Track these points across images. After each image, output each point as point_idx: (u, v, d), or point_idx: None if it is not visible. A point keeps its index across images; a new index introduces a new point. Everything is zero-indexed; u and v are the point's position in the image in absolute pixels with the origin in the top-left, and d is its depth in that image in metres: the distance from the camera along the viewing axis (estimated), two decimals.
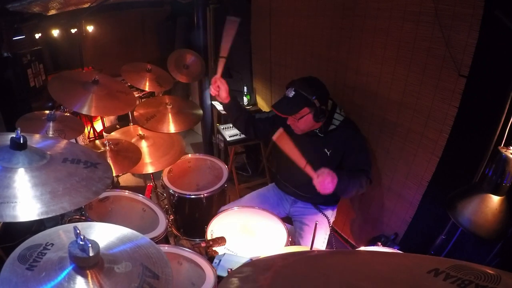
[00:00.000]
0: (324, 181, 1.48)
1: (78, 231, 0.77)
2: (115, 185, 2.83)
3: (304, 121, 1.69)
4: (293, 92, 1.65)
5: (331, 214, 1.95)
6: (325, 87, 1.70)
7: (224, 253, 1.39)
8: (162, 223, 1.67)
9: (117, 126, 3.61)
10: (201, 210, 2.12)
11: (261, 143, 3.12)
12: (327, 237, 1.82)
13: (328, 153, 1.77)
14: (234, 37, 1.66)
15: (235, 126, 2.02)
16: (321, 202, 1.92)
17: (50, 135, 1.76)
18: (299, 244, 1.78)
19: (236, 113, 1.95)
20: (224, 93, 1.80)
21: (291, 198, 2.00)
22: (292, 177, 1.92)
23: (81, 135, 2.91)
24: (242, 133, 2.07)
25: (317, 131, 1.76)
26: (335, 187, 1.50)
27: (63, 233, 0.88)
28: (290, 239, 1.58)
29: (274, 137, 1.48)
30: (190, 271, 1.45)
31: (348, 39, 2.10)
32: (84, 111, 1.88)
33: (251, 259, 1.30)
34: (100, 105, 1.94)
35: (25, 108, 2.72)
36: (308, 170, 1.52)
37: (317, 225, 1.48)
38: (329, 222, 1.72)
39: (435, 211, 1.72)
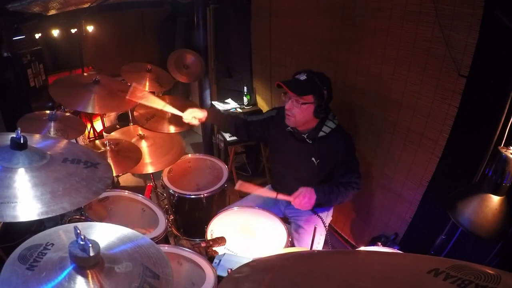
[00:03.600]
0: (301, 201, 1.61)
1: (78, 231, 0.77)
2: (115, 185, 2.83)
3: (304, 109, 1.63)
4: (305, 76, 1.61)
5: (326, 215, 1.93)
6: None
7: (224, 253, 1.39)
8: (162, 223, 1.67)
9: (117, 126, 3.59)
10: (201, 210, 2.12)
11: (261, 143, 3.12)
12: (323, 237, 1.82)
13: (316, 162, 1.74)
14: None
15: (226, 131, 2.04)
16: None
17: (52, 135, 1.76)
18: (295, 246, 1.78)
19: (220, 121, 2.03)
20: (199, 117, 1.93)
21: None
22: (285, 181, 1.93)
23: (81, 135, 2.92)
24: (235, 136, 2.09)
25: (305, 137, 1.72)
26: (315, 201, 1.62)
27: (63, 233, 0.88)
28: (290, 239, 1.58)
29: (236, 187, 1.60)
30: (190, 271, 1.44)
31: (348, 39, 2.10)
32: (89, 110, 1.93)
33: (251, 259, 1.30)
34: (102, 103, 1.98)
35: (25, 108, 2.71)
36: (281, 197, 1.66)
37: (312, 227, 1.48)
38: (324, 224, 1.72)
39: (435, 211, 1.72)
